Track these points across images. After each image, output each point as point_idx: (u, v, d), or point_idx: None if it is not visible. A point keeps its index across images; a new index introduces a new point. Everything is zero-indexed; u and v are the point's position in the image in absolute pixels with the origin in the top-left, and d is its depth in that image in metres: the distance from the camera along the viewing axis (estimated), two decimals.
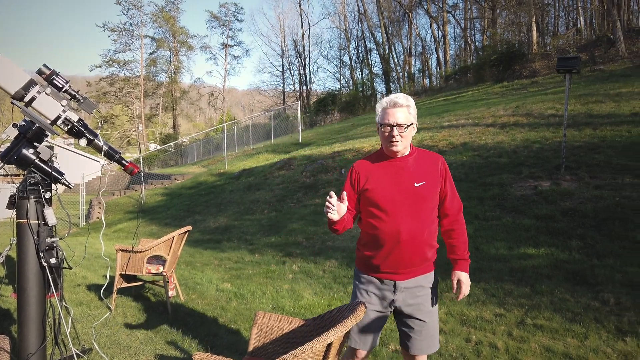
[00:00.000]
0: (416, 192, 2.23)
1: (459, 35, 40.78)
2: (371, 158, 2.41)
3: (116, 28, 44.76)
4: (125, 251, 4.56)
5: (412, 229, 2.20)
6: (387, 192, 2.25)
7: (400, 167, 2.29)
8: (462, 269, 2.37)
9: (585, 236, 5.51)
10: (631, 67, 16.10)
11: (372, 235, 2.28)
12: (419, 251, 2.25)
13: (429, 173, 2.29)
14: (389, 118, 2.24)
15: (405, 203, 2.22)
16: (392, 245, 2.22)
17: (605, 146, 7.99)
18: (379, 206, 2.25)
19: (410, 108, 2.27)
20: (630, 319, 3.69)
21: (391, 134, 2.23)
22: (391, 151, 2.28)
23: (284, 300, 4.92)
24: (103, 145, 2.52)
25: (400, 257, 2.23)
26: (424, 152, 2.38)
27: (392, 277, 2.29)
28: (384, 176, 2.29)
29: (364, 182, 2.32)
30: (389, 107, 2.27)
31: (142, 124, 45.94)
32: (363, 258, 2.37)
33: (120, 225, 13.14)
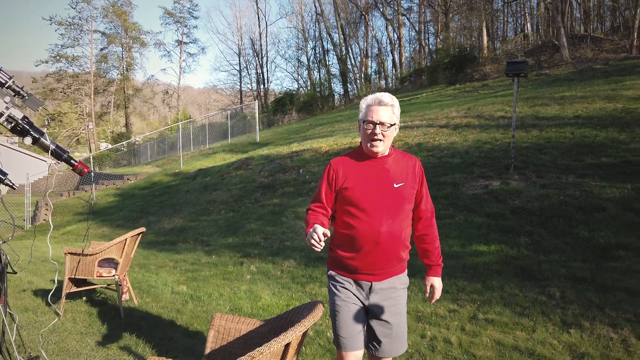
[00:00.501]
0: (396, 193, 2.20)
1: (413, 38, 41.69)
2: (350, 156, 2.34)
3: (64, 22, 42.93)
4: (75, 254, 4.38)
5: (391, 230, 2.16)
6: (367, 191, 2.20)
7: (380, 167, 2.24)
8: (436, 274, 2.39)
9: (533, 233, 5.76)
10: (574, 71, 16.96)
11: (349, 235, 2.22)
12: (396, 252, 2.22)
13: (407, 174, 2.26)
14: (373, 115, 2.18)
15: (385, 203, 2.18)
16: (371, 246, 2.17)
17: (551, 147, 8.38)
18: (358, 206, 2.19)
19: (394, 108, 2.23)
20: (574, 311, 3.89)
21: (373, 132, 2.17)
22: (371, 151, 2.22)
23: (241, 301, 4.87)
24: (50, 144, 2.41)
25: (378, 258, 2.19)
26: (401, 154, 2.35)
27: (369, 278, 2.24)
28: (364, 175, 2.23)
29: (343, 180, 2.25)
30: (373, 104, 2.22)
31: (92, 122, 44.24)
32: (337, 259, 2.30)
33: (69, 228, 12.62)
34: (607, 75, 14.50)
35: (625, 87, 11.72)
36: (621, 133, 8.30)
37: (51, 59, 43.34)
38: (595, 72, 15.80)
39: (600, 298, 4.08)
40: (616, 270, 4.60)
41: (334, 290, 2.30)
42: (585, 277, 4.53)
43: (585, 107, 10.38)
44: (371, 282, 2.25)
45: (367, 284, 2.26)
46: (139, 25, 48.02)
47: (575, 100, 11.21)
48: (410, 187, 2.24)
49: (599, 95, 11.27)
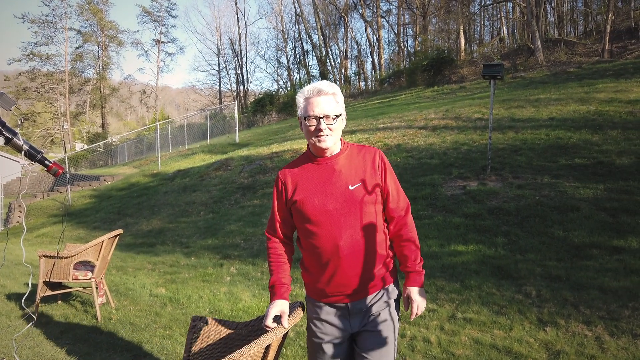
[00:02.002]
0: (352, 196, 1.88)
1: (392, 40, 42.11)
2: (296, 162, 2.05)
3: (37, 20, 41.87)
4: (50, 257, 4.28)
5: (352, 242, 1.87)
6: (317, 201, 1.89)
7: (330, 168, 1.94)
8: (414, 282, 1.99)
9: (509, 233, 5.86)
10: (548, 74, 17.34)
11: (311, 255, 1.95)
12: (366, 265, 1.90)
13: (365, 171, 1.93)
14: (314, 109, 1.88)
15: (341, 211, 1.87)
16: (333, 264, 1.89)
17: (526, 148, 8.55)
18: (311, 220, 1.90)
19: (336, 96, 1.94)
20: (549, 310, 3.97)
21: (318, 128, 1.88)
22: (319, 149, 1.92)
23: (221, 303, 4.84)
24: (23, 144, 2.35)
25: (345, 275, 1.89)
26: (357, 147, 2.03)
27: (343, 299, 1.94)
28: (312, 183, 1.93)
29: (292, 192, 1.96)
30: (312, 95, 1.91)
31: (67, 122, 43.28)
32: (307, 283, 2.05)
33: (43, 230, 12.33)
34: (581, 79, 14.87)
35: (598, 90, 12.03)
36: (594, 135, 8.51)
37: (24, 57, 42.28)
38: (569, 75, 16.18)
39: (574, 296, 4.17)
40: (590, 268, 4.72)
41: (310, 323, 2.03)
42: (560, 276, 4.63)
43: (560, 109, 10.62)
44: (347, 304, 1.95)
45: (342, 307, 1.96)
46: (116, 24, 47.32)
47: (550, 102, 11.46)
48: (370, 186, 1.92)
49: (572, 97, 11.54)
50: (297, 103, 1.96)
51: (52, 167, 2.48)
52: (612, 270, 4.58)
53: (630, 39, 19.23)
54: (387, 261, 1.98)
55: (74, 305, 4.82)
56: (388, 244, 2.00)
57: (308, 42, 42.79)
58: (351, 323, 1.95)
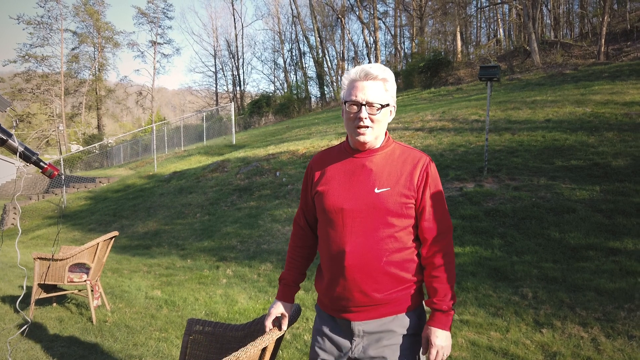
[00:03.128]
0: (376, 200, 1.63)
1: (389, 42, 42.16)
2: (330, 151, 1.84)
3: (32, 21, 41.71)
4: (44, 259, 4.25)
5: (362, 251, 1.61)
6: (336, 197, 1.68)
7: (360, 164, 1.70)
8: (437, 323, 1.66)
9: (506, 235, 5.87)
10: (545, 76, 17.40)
11: (322, 257, 1.76)
12: (375, 282, 1.63)
13: (400, 176, 1.66)
14: (357, 93, 1.63)
15: (358, 214, 1.63)
16: (336, 271, 1.66)
17: (523, 150, 8.56)
18: (326, 216, 1.70)
19: (387, 82, 1.68)
20: (546, 311, 3.97)
21: (357, 116, 1.63)
22: (357, 141, 1.68)
23: (217, 305, 4.82)
24: (18, 145, 2.33)
25: (347, 288, 1.64)
26: (402, 148, 1.76)
27: (345, 315, 1.70)
28: (338, 175, 1.72)
29: (316, 181, 1.78)
30: (358, 79, 1.66)
31: (62, 124, 43.14)
32: (317, 289, 1.84)
33: (38, 232, 12.27)
34: (577, 80, 14.93)
35: (594, 92, 12.08)
36: (590, 137, 8.54)
37: (19, 59, 42.08)
38: (565, 77, 16.25)
39: (571, 298, 4.18)
40: (586, 270, 4.72)
41: (313, 335, 1.84)
42: (557, 278, 4.64)
43: (556, 111, 10.65)
44: (350, 321, 1.69)
45: (344, 322, 1.71)
46: (112, 25, 47.20)
47: (546, 104, 11.49)
48: (399, 195, 1.63)
49: (568, 99, 11.58)
50: (341, 85, 1.74)
51: (48, 168, 2.46)
52: (608, 272, 4.59)
53: (626, 41, 19.34)
54: (409, 286, 1.69)
55: (69, 307, 4.79)
56: (415, 268, 1.70)
57: (305, 44, 42.84)
58: (353, 345, 1.70)
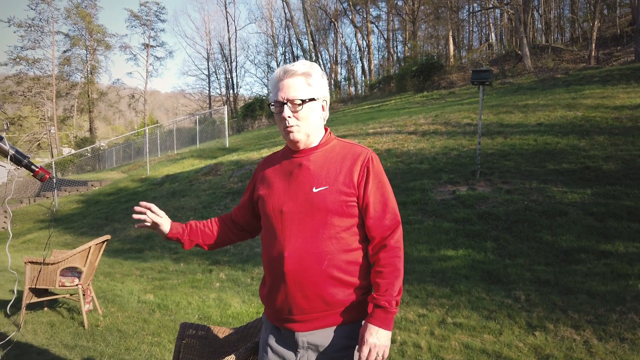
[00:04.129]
0: (314, 200, 1.54)
1: (382, 46, 42.40)
2: (276, 154, 1.78)
3: (23, 24, 41.37)
4: (35, 263, 4.22)
5: (301, 254, 1.52)
6: (275, 200, 1.61)
7: (298, 164, 1.63)
8: (374, 320, 1.51)
9: (499, 238, 5.90)
10: (536, 80, 17.54)
11: (264, 261, 1.67)
12: (317, 288, 1.52)
13: (339, 173, 1.57)
14: (279, 93, 1.57)
15: (296, 216, 1.55)
16: (277, 278, 1.56)
17: (515, 153, 8.62)
18: (268, 220, 1.62)
19: (310, 77, 1.58)
20: (538, 314, 3.99)
21: (282, 116, 1.56)
22: (289, 141, 1.63)
23: (210, 309, 4.79)
24: (9, 149, 2.31)
25: (289, 295, 1.54)
26: (343, 144, 1.67)
27: (289, 325, 1.58)
28: (277, 178, 1.66)
29: (259, 186, 1.72)
30: (280, 78, 1.59)
31: (54, 127, 42.82)
32: (260, 297, 1.73)
33: (29, 236, 12.16)
34: (568, 85, 15.06)
35: (585, 96, 12.19)
36: (581, 140, 8.61)
37: (10, 61, 41.66)
38: (557, 81, 16.38)
39: (563, 300, 4.20)
40: (578, 273, 4.75)
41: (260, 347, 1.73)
42: (549, 280, 4.66)
43: (547, 115, 10.74)
44: (293, 331, 1.58)
45: (289, 334, 1.60)
46: (104, 28, 46.94)
47: (538, 108, 11.57)
48: (338, 192, 1.54)
49: (560, 103, 11.68)
50: (269, 89, 1.67)
51: (39, 172, 2.44)
52: (600, 275, 4.62)
53: (615, 46, 19.56)
54: (355, 291, 1.57)
55: (60, 312, 4.74)
56: (362, 271, 1.60)
57: (298, 47, 42.88)
58: (297, 358, 1.58)
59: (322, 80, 1.62)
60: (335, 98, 35.60)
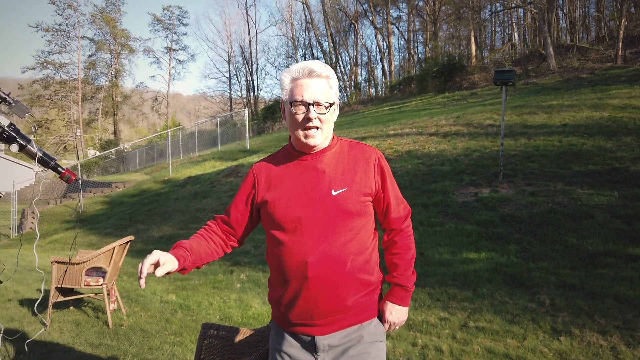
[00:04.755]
0: (334, 203, 1.53)
1: (402, 47, 42.10)
2: (275, 157, 1.72)
3: (50, 29, 42.50)
4: (62, 263, 4.31)
5: (325, 259, 1.50)
6: (290, 205, 1.55)
7: (311, 167, 1.60)
8: (396, 298, 1.65)
9: (522, 240, 5.79)
10: (561, 80, 17.20)
11: (276, 270, 1.61)
12: (341, 291, 1.53)
13: (355, 174, 1.58)
14: (303, 93, 1.53)
15: (316, 221, 1.52)
16: (298, 284, 1.53)
17: (539, 155, 8.46)
18: (280, 227, 1.56)
19: (330, 80, 1.59)
20: (564, 319, 3.90)
21: (307, 117, 1.52)
22: (305, 144, 1.57)
23: (231, 310, 4.83)
24: (37, 151, 2.37)
25: (312, 300, 1.52)
26: (350, 144, 1.68)
27: (308, 330, 1.57)
28: (289, 182, 1.60)
29: (264, 191, 1.64)
30: (301, 76, 1.56)
31: (80, 130, 43.85)
32: (272, 305, 1.70)
33: (56, 236, 12.45)
34: (593, 85, 14.73)
35: (611, 96, 11.90)
36: (608, 141, 8.41)
37: (38, 66, 42.89)
38: (582, 81, 16.04)
39: (589, 305, 4.10)
40: (605, 277, 4.64)
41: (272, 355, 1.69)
42: (575, 284, 4.56)
43: (572, 115, 10.51)
44: (312, 336, 1.57)
45: (307, 338, 1.58)
46: (128, 32, 47.85)
47: (563, 109, 11.35)
48: (358, 193, 1.56)
49: (585, 104, 11.42)
50: (281, 84, 1.61)
51: (65, 173, 2.50)
52: (628, 279, 4.50)
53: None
54: (372, 290, 1.62)
55: (85, 311, 4.84)
56: (375, 268, 1.64)
57: (318, 49, 42.95)
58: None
59: (337, 84, 1.64)
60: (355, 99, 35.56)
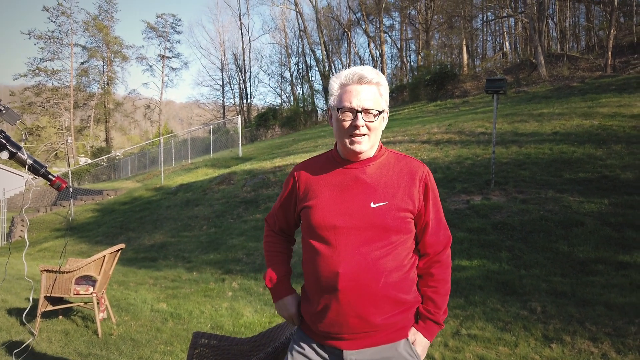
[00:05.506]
0: (373, 216, 1.47)
1: (395, 55, 42.42)
2: (317, 160, 1.67)
3: (43, 36, 42.37)
4: (51, 271, 4.26)
5: (358, 272, 1.45)
6: (327, 212, 1.51)
7: (354, 176, 1.54)
8: (426, 332, 1.56)
9: (514, 248, 5.81)
10: (551, 89, 17.38)
11: (309, 279, 1.57)
12: (371, 307, 1.47)
13: (398, 188, 1.52)
14: (352, 99, 1.48)
15: (352, 231, 1.47)
16: (328, 295, 1.48)
17: (530, 163, 8.52)
18: (315, 234, 1.52)
19: (381, 87, 1.54)
20: (555, 326, 3.91)
21: (354, 125, 1.48)
22: (351, 151, 1.52)
23: (223, 319, 4.79)
24: (27, 158, 2.35)
25: (341, 314, 1.47)
26: (397, 156, 1.62)
27: (336, 343, 1.52)
28: (327, 189, 1.55)
29: (303, 195, 1.60)
30: (350, 82, 1.51)
31: (71, 137, 43.59)
32: (302, 312, 1.65)
33: (45, 244, 12.32)
34: (584, 93, 14.89)
35: (601, 104, 12.03)
36: (598, 149, 8.49)
37: (30, 73, 42.72)
38: (572, 90, 16.21)
39: (580, 312, 4.12)
40: (595, 284, 4.66)
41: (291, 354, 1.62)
42: (566, 292, 4.58)
43: (563, 124, 10.61)
44: (340, 350, 1.52)
45: (334, 351, 1.54)
46: (121, 39, 47.81)
47: (553, 117, 11.45)
48: (397, 209, 1.49)
49: (575, 112, 11.54)
50: (330, 90, 1.56)
51: (56, 181, 2.48)
52: (618, 286, 4.52)
53: (632, 54, 19.28)
54: (407, 308, 1.55)
55: (74, 320, 4.78)
56: (412, 287, 1.57)
57: (311, 57, 43.10)
58: None
59: (388, 91, 1.58)
60: None
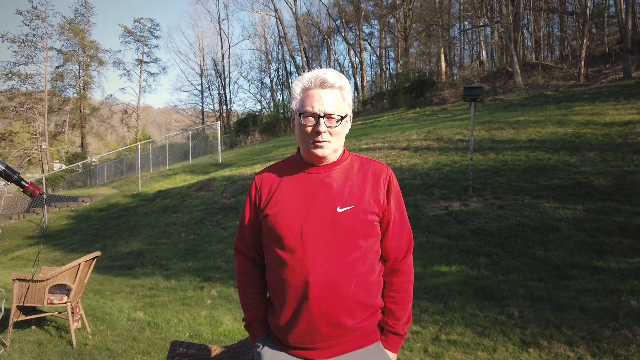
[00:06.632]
0: (339, 221, 1.45)
1: (375, 62, 42.81)
2: (279, 167, 1.64)
3: (17, 39, 41.40)
4: (24, 280, 4.14)
5: (328, 280, 1.42)
6: (292, 219, 1.47)
7: (318, 181, 1.51)
8: (388, 345, 1.55)
9: (492, 253, 5.89)
10: (527, 97, 17.74)
11: (275, 287, 1.53)
12: (343, 314, 1.45)
13: (364, 191, 1.50)
14: (314, 104, 1.46)
15: (320, 238, 1.44)
16: (298, 305, 1.44)
17: (507, 169, 8.67)
18: (281, 243, 1.47)
19: (344, 91, 1.51)
20: (532, 330, 3.97)
21: (316, 130, 1.46)
22: (314, 156, 1.51)
23: (201, 327, 4.72)
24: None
25: (312, 323, 1.44)
26: (361, 160, 1.60)
27: (308, 353, 1.49)
28: (292, 195, 1.51)
29: (265, 202, 1.55)
30: (313, 86, 1.49)
31: (45, 142, 42.58)
32: (270, 324, 1.60)
33: (18, 252, 11.98)
34: (558, 102, 15.24)
35: (575, 112, 12.34)
36: (572, 156, 8.69)
37: (2, 77, 41.57)
38: (547, 98, 16.59)
39: (556, 317, 4.18)
40: (571, 289, 4.75)
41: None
42: (542, 296, 4.65)
43: (538, 131, 10.84)
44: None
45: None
46: (97, 44, 47.03)
47: (529, 124, 11.69)
48: (364, 212, 1.47)
49: (550, 120, 11.80)
50: (292, 93, 1.54)
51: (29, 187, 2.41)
52: (593, 291, 4.62)
53: (604, 64, 19.86)
54: (373, 312, 1.54)
55: (48, 330, 4.65)
56: (379, 291, 1.57)
57: (291, 64, 43.20)
58: None
59: (351, 95, 1.56)
60: None
